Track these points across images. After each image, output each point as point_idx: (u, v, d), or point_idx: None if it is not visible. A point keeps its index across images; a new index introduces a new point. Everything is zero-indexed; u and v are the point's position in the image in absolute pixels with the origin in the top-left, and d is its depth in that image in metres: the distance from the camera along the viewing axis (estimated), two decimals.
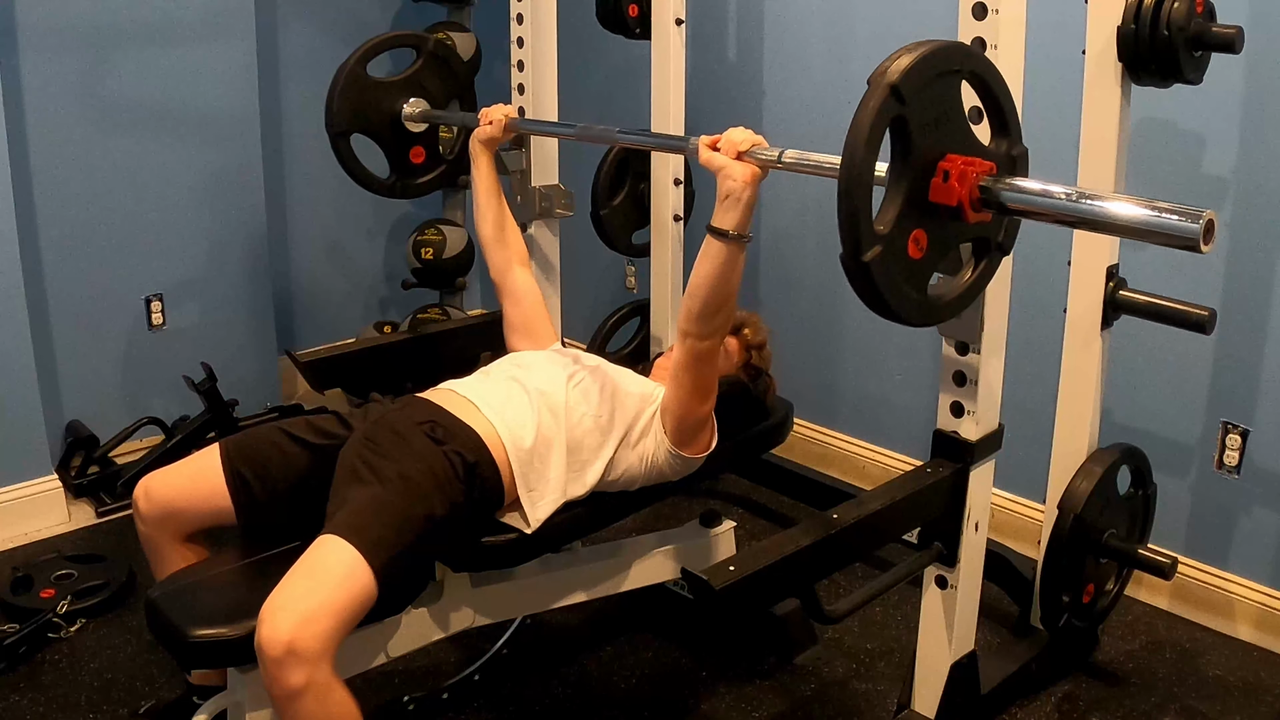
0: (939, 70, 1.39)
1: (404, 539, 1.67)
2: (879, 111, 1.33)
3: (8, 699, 2.16)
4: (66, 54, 2.88)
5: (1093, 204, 1.39)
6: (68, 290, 3.00)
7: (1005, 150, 1.52)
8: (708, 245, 1.78)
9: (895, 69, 1.34)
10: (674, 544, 2.22)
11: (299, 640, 1.50)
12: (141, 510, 1.88)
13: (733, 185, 1.74)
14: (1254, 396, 2.37)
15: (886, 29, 2.83)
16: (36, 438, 2.82)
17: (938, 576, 1.95)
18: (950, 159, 1.41)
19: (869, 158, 1.34)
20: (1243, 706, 2.22)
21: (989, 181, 1.42)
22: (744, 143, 1.75)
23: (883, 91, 1.33)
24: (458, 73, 2.71)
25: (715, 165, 1.77)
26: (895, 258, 1.39)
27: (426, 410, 1.92)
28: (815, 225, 3.10)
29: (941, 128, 1.41)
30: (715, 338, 1.85)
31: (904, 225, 1.39)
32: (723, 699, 2.23)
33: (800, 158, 1.70)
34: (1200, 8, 1.89)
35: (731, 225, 1.75)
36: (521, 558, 1.97)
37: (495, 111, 2.34)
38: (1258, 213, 2.29)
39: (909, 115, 1.36)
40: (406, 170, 2.67)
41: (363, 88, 2.53)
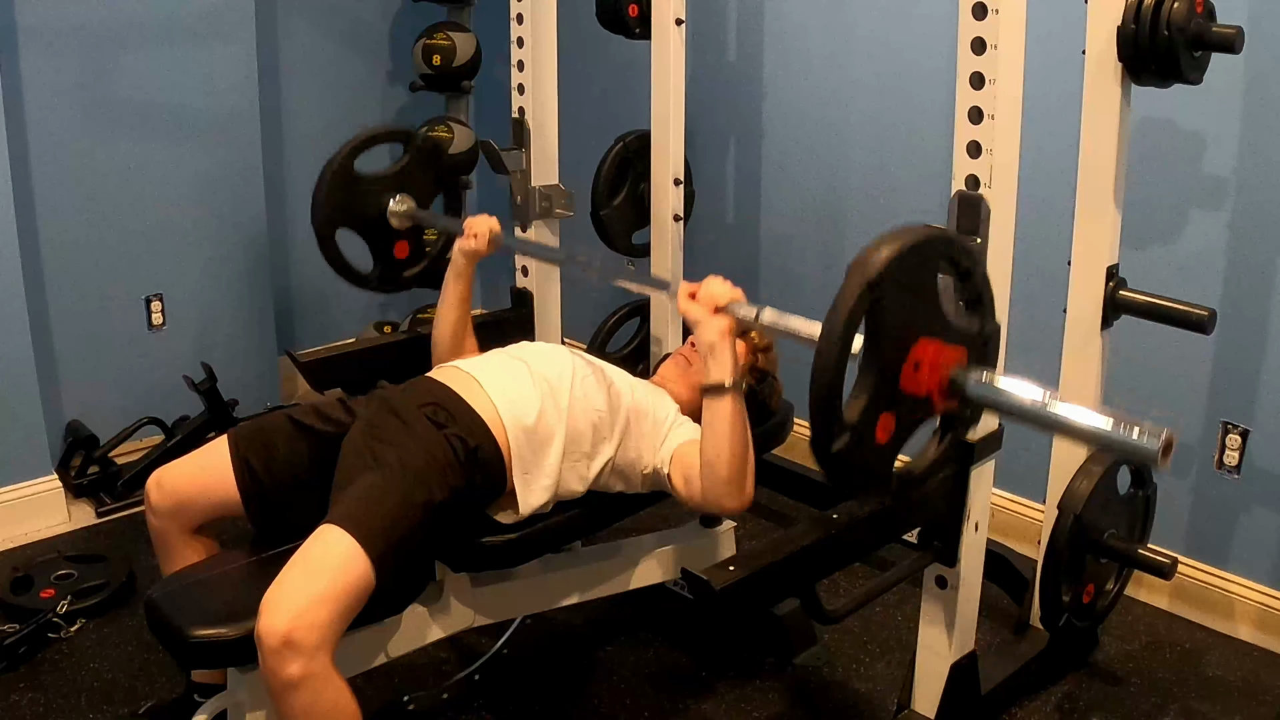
0: (918, 261, 1.42)
1: (402, 527, 1.68)
2: (854, 307, 1.36)
3: (8, 699, 2.16)
4: (66, 54, 2.88)
5: (1057, 412, 1.41)
6: (68, 290, 3.00)
7: (978, 328, 1.54)
8: (710, 407, 1.78)
9: (874, 263, 1.37)
10: (674, 544, 2.22)
11: (296, 631, 1.51)
12: (153, 502, 1.89)
13: (709, 339, 1.77)
14: (1254, 396, 2.37)
15: (886, 29, 2.83)
16: (36, 438, 2.82)
17: (938, 576, 1.95)
18: (922, 346, 1.43)
19: (843, 355, 1.36)
20: (1243, 706, 2.22)
21: (958, 374, 1.46)
22: (721, 297, 1.77)
23: (860, 286, 1.36)
24: (445, 167, 2.71)
25: (690, 319, 1.80)
26: (863, 444, 1.42)
27: (430, 391, 1.93)
28: (815, 226, 3.10)
29: (916, 313, 1.44)
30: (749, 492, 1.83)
31: (873, 412, 1.42)
32: (723, 699, 2.23)
33: (777, 319, 1.72)
34: (1200, 8, 1.89)
35: (723, 378, 1.77)
36: (521, 558, 1.97)
37: (480, 225, 2.27)
38: (1258, 213, 2.29)
39: (885, 307, 1.38)
40: (390, 265, 2.66)
41: (349, 183, 2.54)
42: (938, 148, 2.59)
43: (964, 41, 1.69)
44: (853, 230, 3.00)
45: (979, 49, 1.68)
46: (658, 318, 2.90)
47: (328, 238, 2.56)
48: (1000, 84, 1.68)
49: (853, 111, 2.95)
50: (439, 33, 3.50)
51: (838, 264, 3.07)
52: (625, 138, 2.90)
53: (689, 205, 2.91)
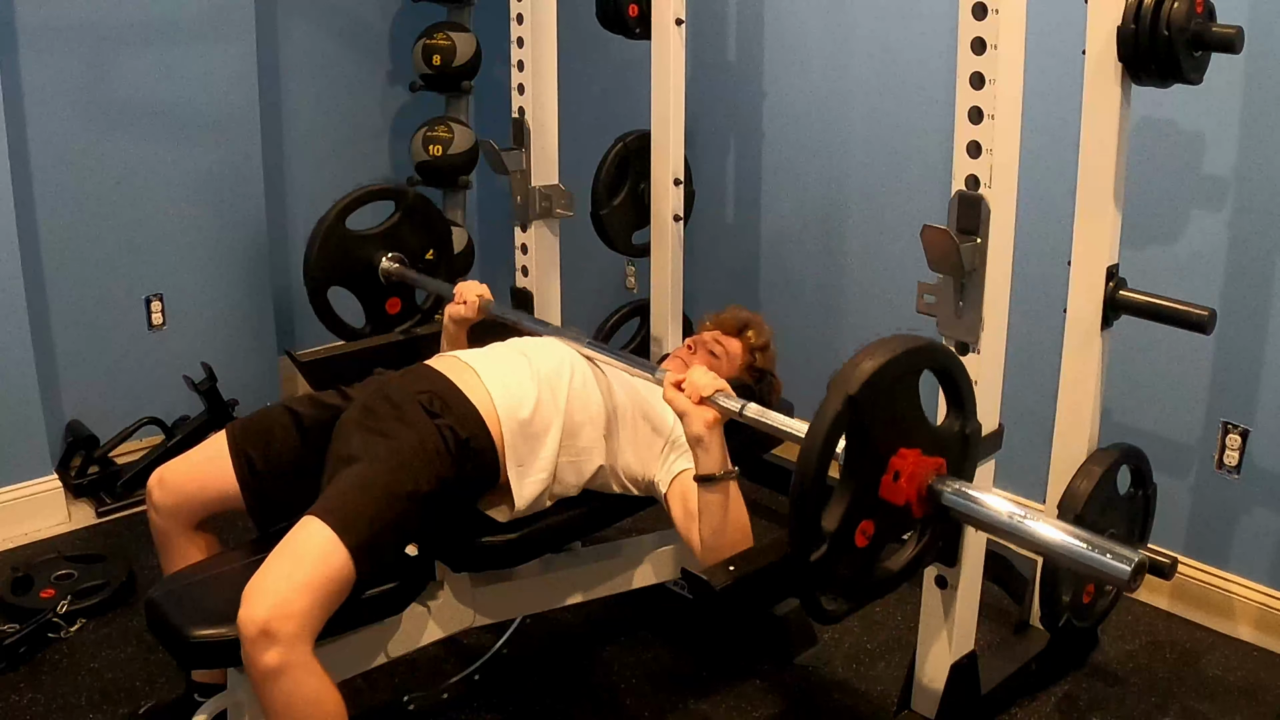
0: (899, 373, 1.43)
1: (384, 517, 1.68)
2: (834, 423, 1.37)
3: (8, 699, 2.16)
4: (66, 54, 2.88)
5: (1032, 527, 1.42)
6: (68, 290, 3.00)
7: (958, 430, 1.56)
8: (704, 496, 1.79)
9: (856, 378, 1.38)
10: (674, 544, 2.22)
11: (273, 621, 1.52)
12: (155, 500, 1.90)
13: (696, 431, 1.77)
14: (1254, 396, 2.37)
15: (886, 29, 2.83)
16: (36, 438, 2.82)
17: (938, 576, 1.95)
18: (902, 455, 1.45)
19: (822, 470, 1.38)
20: (1243, 706, 2.22)
21: (937, 483, 1.47)
22: (706, 389, 1.77)
23: (840, 402, 1.37)
24: (435, 225, 2.73)
25: (676, 409, 1.80)
26: (842, 551, 1.43)
27: (427, 379, 1.94)
28: (815, 225, 3.10)
29: (896, 423, 1.45)
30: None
31: (852, 519, 1.43)
32: (723, 699, 2.23)
33: (760, 415, 1.73)
34: (1200, 8, 1.89)
35: (714, 468, 1.77)
36: (521, 558, 1.97)
37: (469, 292, 2.28)
38: (1258, 213, 2.29)
39: (866, 420, 1.40)
40: (382, 321, 2.69)
41: (341, 241, 2.57)
42: (938, 148, 2.60)
43: (964, 41, 1.69)
44: (853, 230, 3.01)
45: (979, 49, 1.68)
46: (658, 318, 2.90)
47: (320, 294, 2.60)
48: (1000, 84, 1.68)
49: (853, 111, 2.95)
50: (439, 33, 3.51)
51: (838, 264, 3.08)
52: (625, 138, 2.90)
53: (689, 205, 2.91)
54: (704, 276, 3.29)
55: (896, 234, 2.89)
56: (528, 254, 2.81)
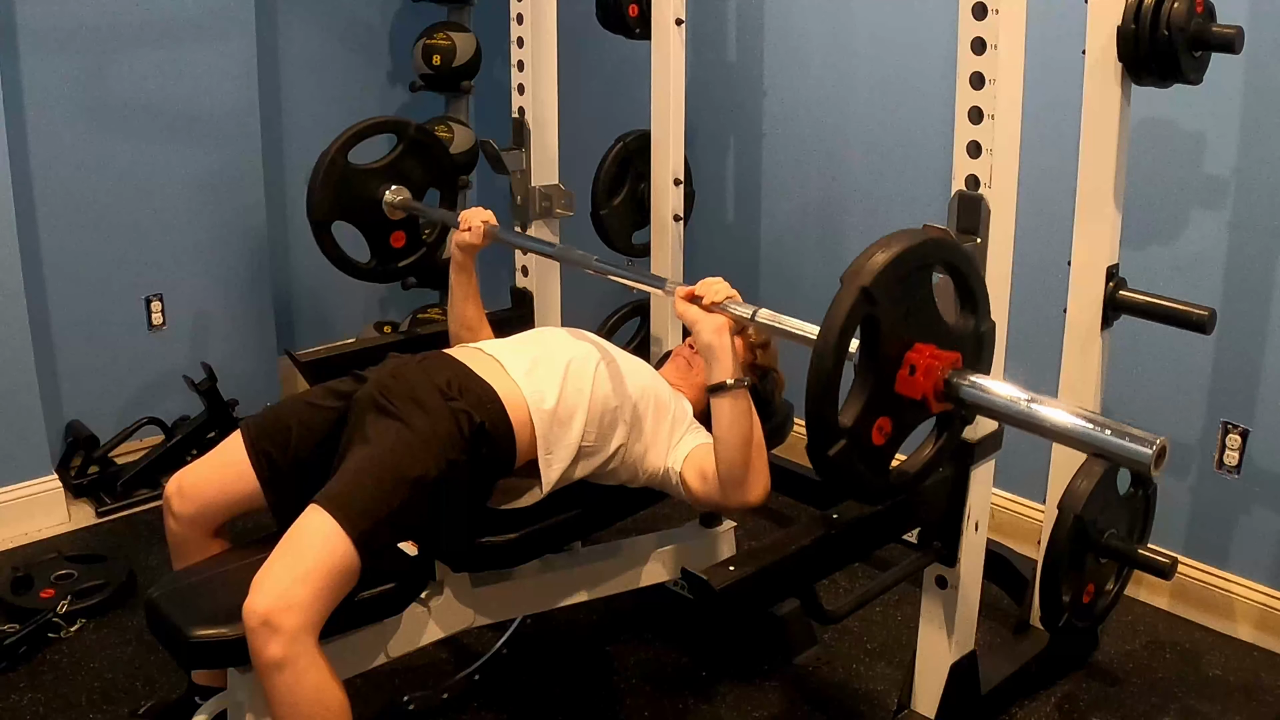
0: (911, 266, 1.43)
1: (389, 504, 1.68)
2: (849, 314, 1.37)
3: (8, 699, 2.16)
4: (66, 54, 2.88)
5: (1049, 416, 1.41)
6: (68, 290, 3.00)
7: (972, 329, 1.55)
8: (716, 407, 1.79)
9: (868, 270, 1.38)
10: (674, 544, 2.22)
11: (275, 612, 1.52)
12: (175, 509, 1.87)
13: (707, 337, 1.79)
14: (1254, 396, 2.37)
15: (886, 29, 2.83)
16: (36, 438, 2.83)
17: (938, 576, 1.95)
18: (917, 350, 1.45)
19: (838, 361, 1.37)
20: (1243, 707, 2.22)
21: (953, 376, 1.46)
22: (718, 296, 1.79)
23: (854, 293, 1.37)
24: (439, 158, 2.71)
25: (687, 319, 1.82)
26: (859, 448, 1.43)
27: (447, 367, 1.93)
28: (815, 225, 3.10)
29: (910, 317, 1.45)
30: (767, 483, 1.84)
31: (869, 416, 1.43)
32: (723, 699, 2.23)
33: (773, 319, 1.74)
34: (1200, 8, 1.89)
35: (724, 377, 1.78)
36: (521, 558, 1.97)
37: (474, 218, 2.28)
38: (1258, 213, 2.29)
39: (879, 313, 1.39)
40: (387, 255, 2.68)
41: (344, 176, 2.54)
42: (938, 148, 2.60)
43: (964, 41, 1.69)
44: (853, 230, 3.00)
45: (979, 49, 1.68)
46: (658, 318, 2.90)
47: (324, 230, 2.56)
48: (1000, 84, 1.68)
49: (853, 111, 2.95)
50: (439, 33, 3.50)
51: (838, 264, 3.05)
52: (625, 138, 2.90)
53: (689, 205, 2.91)
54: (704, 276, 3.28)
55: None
56: (528, 254, 2.81)
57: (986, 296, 1.58)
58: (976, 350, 1.56)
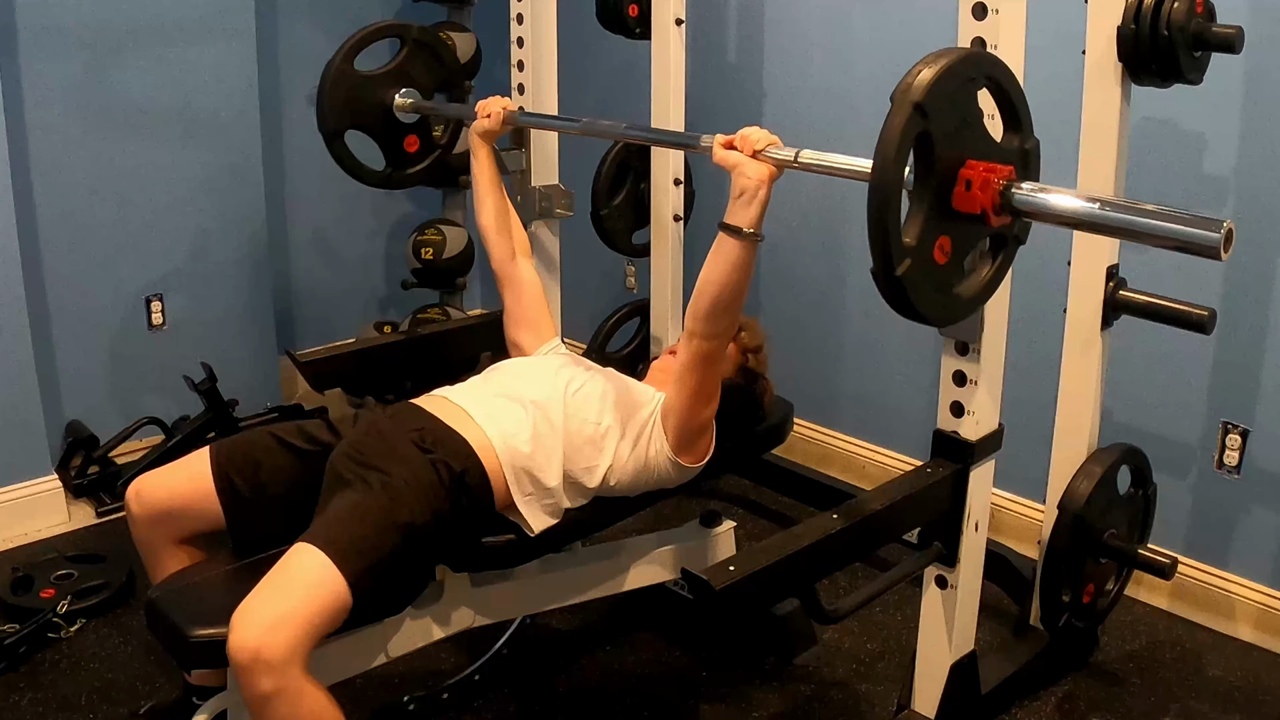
0: (958, 81, 1.42)
1: (381, 547, 1.65)
2: (904, 129, 1.37)
3: (8, 699, 2.16)
4: (66, 54, 2.88)
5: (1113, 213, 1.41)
6: (68, 290, 3.00)
7: (1018, 145, 1.55)
8: (720, 243, 1.78)
9: (919, 85, 1.38)
10: (674, 544, 2.22)
11: (265, 648, 1.49)
12: (134, 512, 1.86)
13: (747, 183, 1.74)
14: (1254, 396, 2.37)
15: (886, 29, 2.83)
16: (36, 438, 2.83)
17: (938, 576, 1.95)
18: (971, 165, 1.44)
19: (897, 177, 1.37)
20: (1243, 707, 2.22)
21: (1009, 188, 1.45)
22: (760, 141, 1.74)
23: (907, 109, 1.37)
24: (445, 59, 2.70)
25: (730, 163, 1.76)
26: (924, 267, 1.43)
27: (417, 418, 1.90)
28: (815, 226, 3.09)
29: (961, 134, 1.44)
30: (722, 339, 1.85)
31: (930, 234, 1.43)
32: (723, 699, 2.23)
33: (816, 158, 1.70)
34: (1200, 8, 1.89)
35: (746, 222, 1.76)
36: (521, 558, 1.97)
37: (493, 104, 2.31)
38: (1258, 213, 2.29)
39: (932, 129, 1.39)
40: (401, 160, 2.65)
41: (351, 84, 2.52)
42: None
43: (964, 41, 1.69)
44: (853, 230, 3.00)
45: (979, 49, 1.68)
46: (658, 318, 2.90)
47: (337, 139, 2.53)
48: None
49: (853, 112, 2.95)
50: (440, 33, 3.50)
51: (838, 264, 3.08)
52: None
53: (689, 205, 2.91)
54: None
55: None
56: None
57: (1029, 113, 1.57)
58: (1024, 166, 1.55)
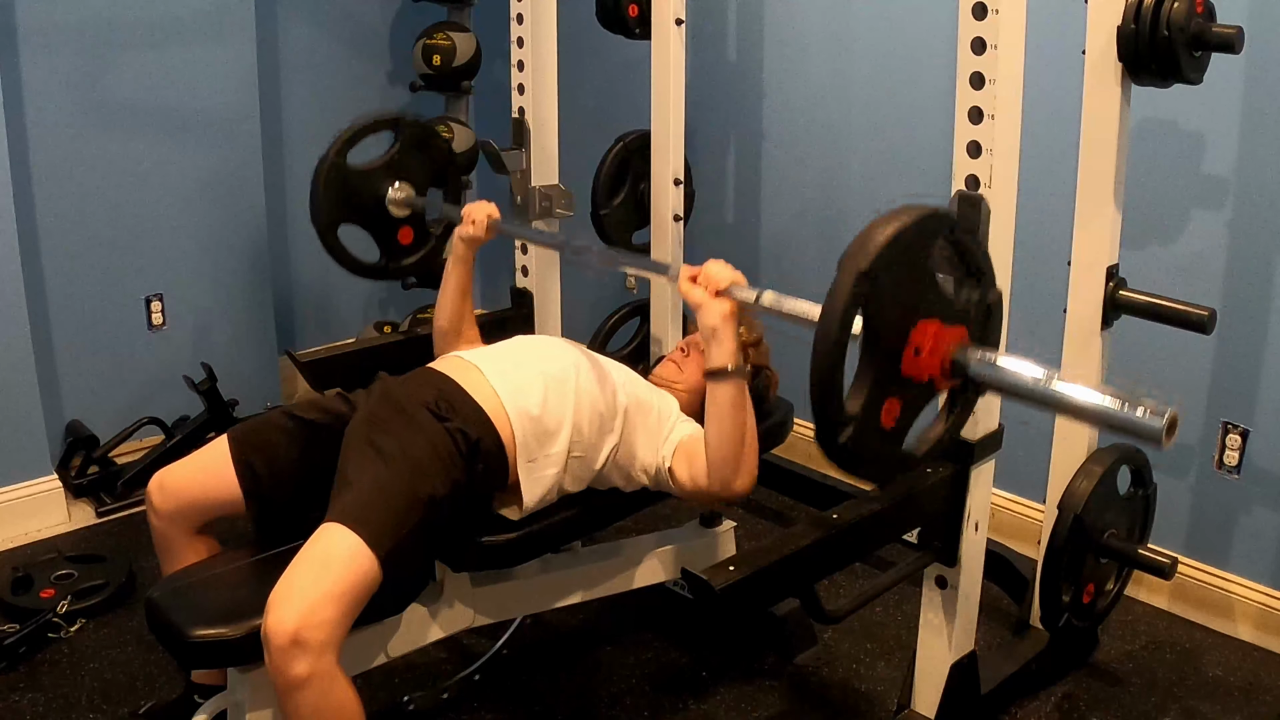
0: (911, 243, 1.40)
1: (407, 522, 1.68)
2: (848, 302, 1.34)
3: (8, 699, 2.16)
4: (66, 54, 2.88)
5: (1058, 390, 1.38)
6: (68, 290, 3.00)
7: (980, 298, 1.53)
8: (713, 392, 1.79)
9: (866, 252, 1.35)
10: (674, 544, 2.22)
11: (304, 630, 1.51)
12: (156, 505, 1.89)
13: (711, 322, 1.77)
14: (1254, 396, 2.37)
15: (886, 29, 2.83)
16: (36, 438, 2.83)
17: (938, 576, 1.95)
18: (922, 329, 1.42)
19: (839, 352, 1.35)
20: (1243, 707, 2.22)
21: (960, 354, 1.43)
22: (723, 280, 1.76)
23: (852, 278, 1.34)
24: (439, 152, 2.69)
25: (692, 301, 1.79)
26: (869, 432, 1.41)
27: (432, 383, 1.93)
28: (815, 225, 3.10)
29: (913, 295, 1.42)
30: (754, 474, 1.85)
31: (876, 399, 1.41)
32: (723, 699, 2.23)
33: (777, 301, 1.71)
34: (1200, 8, 1.89)
35: (725, 362, 1.77)
36: (521, 558, 1.97)
37: (478, 211, 2.28)
38: (1258, 213, 2.29)
39: (880, 294, 1.36)
40: (396, 252, 2.65)
41: (345, 178, 2.52)
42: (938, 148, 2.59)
43: (964, 41, 1.69)
44: (853, 230, 2.97)
45: (979, 49, 1.68)
46: (658, 318, 2.90)
47: (330, 235, 2.55)
48: (1000, 84, 1.68)
49: (853, 111, 2.95)
50: (439, 33, 3.51)
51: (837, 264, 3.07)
52: (625, 138, 2.90)
53: (689, 205, 2.91)
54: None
55: None
56: (528, 254, 2.81)
57: (991, 265, 1.55)
58: (984, 321, 1.54)
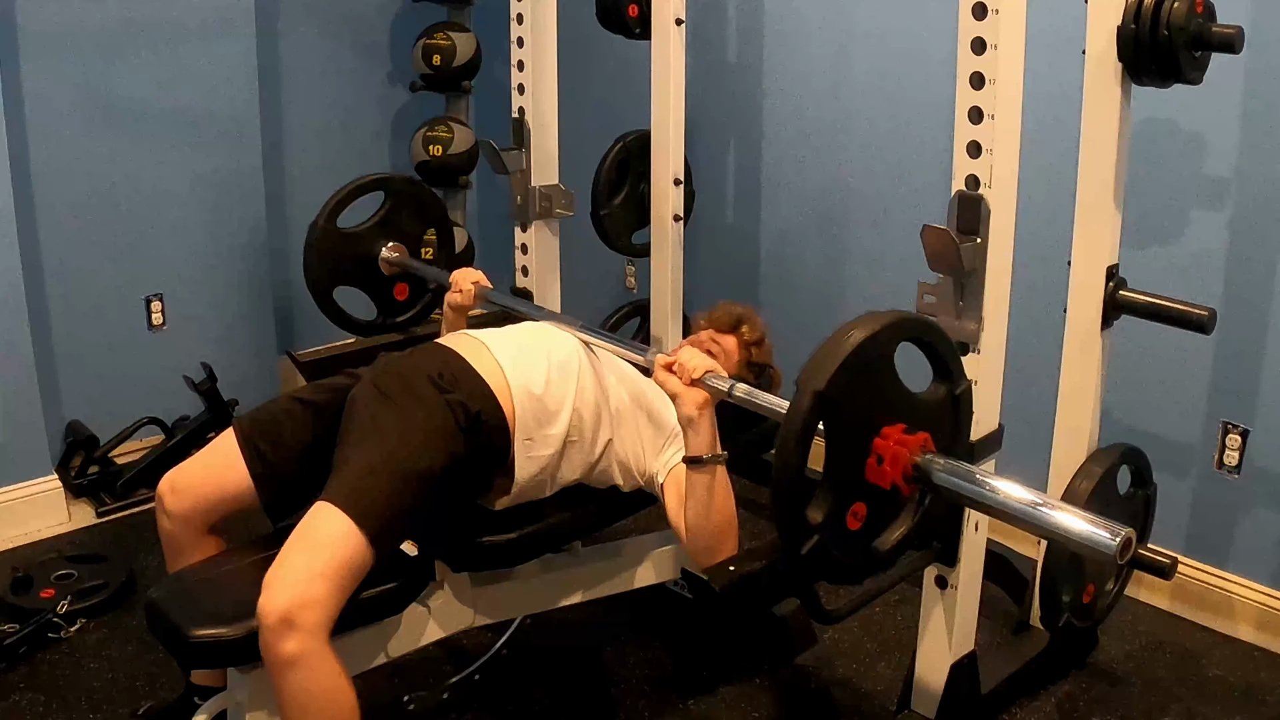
0: (871, 356, 1.40)
1: (400, 500, 1.69)
2: (806, 423, 1.35)
3: (8, 699, 2.16)
4: (66, 54, 2.88)
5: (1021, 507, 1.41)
6: (67, 290, 3.00)
7: (946, 393, 1.54)
8: (691, 479, 1.79)
9: (823, 373, 1.35)
10: (674, 544, 2.22)
11: (294, 609, 1.53)
12: (167, 506, 1.88)
13: (689, 412, 1.77)
14: (1254, 396, 2.36)
15: (886, 29, 2.83)
16: (36, 438, 2.82)
17: (938, 576, 1.95)
18: (884, 435, 1.42)
19: (799, 471, 1.36)
20: (1243, 707, 2.22)
21: (922, 460, 1.44)
22: (697, 369, 1.77)
23: (809, 400, 1.35)
24: (429, 206, 2.71)
25: (668, 390, 1.80)
26: (835, 538, 1.41)
27: (438, 356, 1.94)
28: (815, 225, 3.10)
29: (874, 404, 1.43)
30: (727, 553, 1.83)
31: (842, 505, 1.41)
32: (723, 699, 2.23)
33: (748, 394, 1.73)
34: (1200, 8, 1.89)
35: (703, 450, 1.77)
36: (521, 558, 1.97)
37: (465, 280, 2.31)
38: (1258, 213, 2.29)
39: (839, 412, 1.37)
40: (392, 308, 2.70)
41: (336, 242, 2.55)
42: (938, 148, 2.60)
43: (964, 41, 1.69)
44: (853, 230, 3.01)
45: (979, 49, 1.68)
46: (658, 317, 2.90)
47: (325, 297, 2.58)
48: (1000, 84, 1.68)
49: (853, 111, 2.95)
50: (439, 33, 3.51)
51: (838, 264, 3.08)
52: (625, 138, 2.90)
53: (689, 205, 2.91)
54: (704, 276, 3.29)
55: (896, 234, 2.89)
56: (528, 254, 2.82)
57: (959, 359, 1.56)
58: (954, 416, 1.55)
